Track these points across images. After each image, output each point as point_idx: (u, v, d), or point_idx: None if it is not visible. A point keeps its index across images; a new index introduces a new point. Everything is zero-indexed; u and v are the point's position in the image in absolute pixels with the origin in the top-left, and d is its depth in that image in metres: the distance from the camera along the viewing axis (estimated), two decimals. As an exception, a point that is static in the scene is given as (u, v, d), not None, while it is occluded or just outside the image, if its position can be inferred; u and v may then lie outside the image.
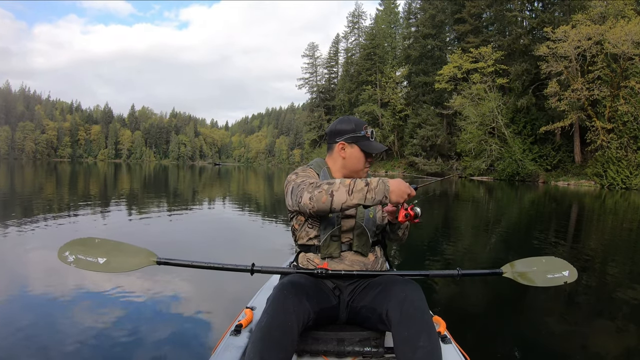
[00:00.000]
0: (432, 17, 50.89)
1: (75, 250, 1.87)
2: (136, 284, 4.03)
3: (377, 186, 1.69)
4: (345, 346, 1.80)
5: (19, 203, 10.96)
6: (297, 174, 1.97)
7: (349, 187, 1.69)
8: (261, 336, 1.49)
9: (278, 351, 1.47)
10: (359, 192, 1.68)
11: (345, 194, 1.69)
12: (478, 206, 14.27)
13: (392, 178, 1.74)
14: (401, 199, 1.72)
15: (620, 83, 30.00)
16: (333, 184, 1.71)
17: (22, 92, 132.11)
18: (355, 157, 2.04)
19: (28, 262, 5.09)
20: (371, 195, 1.68)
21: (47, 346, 2.72)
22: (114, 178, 27.63)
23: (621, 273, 5.57)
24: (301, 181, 1.85)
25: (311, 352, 1.80)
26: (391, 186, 1.70)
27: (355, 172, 2.06)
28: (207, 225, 8.61)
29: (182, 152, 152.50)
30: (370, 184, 1.70)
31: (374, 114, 58.30)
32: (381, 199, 1.69)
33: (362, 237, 1.94)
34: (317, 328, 1.80)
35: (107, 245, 1.94)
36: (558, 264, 2.14)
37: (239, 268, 1.93)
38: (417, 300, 1.63)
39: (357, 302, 1.87)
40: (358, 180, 1.72)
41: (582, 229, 10.03)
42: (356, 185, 1.69)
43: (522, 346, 3.00)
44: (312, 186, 1.75)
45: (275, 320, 1.52)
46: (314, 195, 1.71)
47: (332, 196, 1.69)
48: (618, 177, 29.41)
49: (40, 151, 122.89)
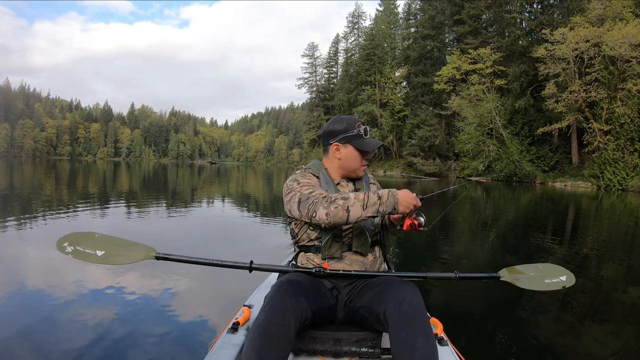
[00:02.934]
0: (431, 18, 50.86)
1: (74, 242, 1.89)
2: (134, 281, 4.03)
3: (388, 199, 1.76)
4: (342, 346, 1.80)
5: (18, 200, 10.99)
6: (298, 182, 1.96)
7: (364, 202, 1.75)
8: (258, 334, 1.50)
9: (275, 350, 1.47)
10: (373, 206, 1.75)
11: (360, 209, 1.75)
12: (476, 207, 14.36)
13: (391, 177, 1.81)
14: (407, 209, 1.80)
15: (617, 85, 30.05)
16: (348, 199, 1.76)
17: (22, 90, 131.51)
18: (350, 157, 2.04)
19: (26, 258, 5.08)
20: (383, 208, 1.76)
21: (44, 343, 2.72)
22: (113, 176, 27.61)
23: (618, 274, 5.59)
24: (309, 192, 1.86)
25: (308, 352, 1.80)
26: (399, 198, 1.77)
27: (353, 172, 2.08)
28: (206, 224, 8.63)
29: (181, 150, 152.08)
30: (382, 197, 1.77)
31: (373, 114, 58.34)
32: (390, 210, 1.78)
33: (361, 236, 1.94)
34: (314, 327, 1.80)
35: (107, 240, 1.96)
36: (556, 271, 2.16)
37: (237, 265, 1.93)
38: (415, 302, 1.64)
39: (354, 302, 1.87)
40: (371, 195, 1.78)
41: (579, 230, 10.08)
42: (370, 200, 1.76)
43: (518, 349, 3.00)
44: (327, 201, 1.78)
45: (273, 319, 1.53)
46: (331, 212, 1.75)
47: (348, 212, 1.74)
48: (615, 178, 29.47)
49: (39, 149, 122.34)
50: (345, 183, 2.10)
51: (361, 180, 2.14)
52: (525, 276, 2.11)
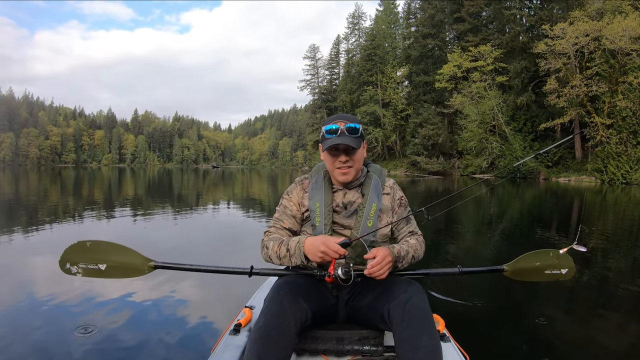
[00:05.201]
0: (431, 17, 50.91)
1: (74, 259, 1.87)
2: (136, 284, 4.04)
3: (295, 252, 1.76)
4: (344, 345, 1.79)
5: (23, 208, 11.08)
6: (282, 200, 2.04)
7: (277, 253, 1.81)
8: (259, 336, 1.51)
9: (276, 351, 1.48)
10: (284, 258, 1.80)
11: (277, 259, 1.83)
12: (480, 203, 14.37)
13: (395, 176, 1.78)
14: (320, 259, 1.70)
15: (618, 79, 30.06)
16: (268, 249, 1.85)
17: (26, 99, 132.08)
18: (324, 158, 1.95)
19: (30, 266, 5.12)
20: (294, 260, 1.77)
21: (49, 347, 2.72)
22: (118, 183, 27.69)
23: (623, 268, 5.54)
24: (271, 225, 1.98)
25: (310, 351, 1.80)
26: (305, 249, 1.73)
27: (331, 172, 1.96)
28: (209, 228, 8.64)
29: (185, 155, 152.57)
30: (290, 249, 1.77)
31: (376, 114, 58.40)
32: (303, 262, 1.76)
33: (357, 248, 1.84)
34: (316, 327, 1.79)
35: (100, 247, 1.93)
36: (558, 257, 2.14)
37: (237, 271, 1.93)
38: (419, 301, 1.63)
39: (357, 301, 1.86)
40: (282, 247, 1.80)
41: (583, 224, 10.03)
42: (280, 252, 1.80)
43: (521, 344, 2.97)
44: (263, 244, 1.89)
45: (272, 321, 1.54)
46: (263, 256, 1.90)
47: (271, 259, 1.86)
48: (618, 172, 29.47)
49: (44, 157, 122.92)
50: (343, 190, 1.98)
51: (368, 186, 1.97)
52: (528, 267, 2.11)
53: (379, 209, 1.93)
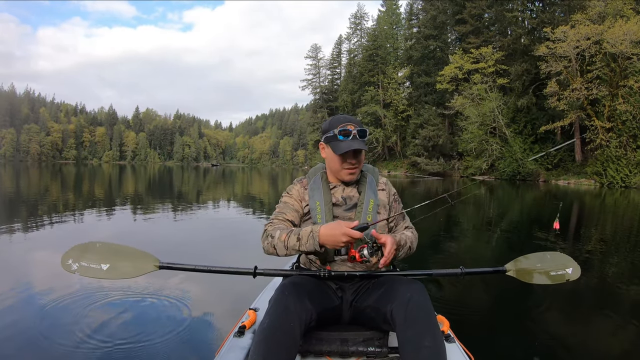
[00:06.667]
0: (433, 18, 50.90)
1: (78, 258, 1.88)
2: (140, 285, 4.02)
3: (307, 241, 1.73)
4: (348, 346, 1.78)
5: (24, 205, 11.10)
6: (282, 197, 2.06)
7: (285, 242, 1.78)
8: (263, 338, 1.51)
9: (281, 353, 1.48)
10: (294, 247, 1.77)
11: (283, 248, 1.79)
12: (480, 205, 14.44)
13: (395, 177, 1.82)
14: (337, 245, 1.72)
15: (619, 82, 30.02)
16: (274, 238, 1.81)
17: (27, 95, 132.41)
18: (330, 158, 2.00)
19: (32, 264, 5.11)
20: (304, 248, 1.75)
21: (51, 348, 2.72)
22: (119, 180, 27.71)
23: (623, 270, 5.58)
24: (273, 217, 1.97)
25: (315, 353, 1.78)
26: (321, 237, 1.71)
27: (336, 173, 2.02)
28: (211, 228, 8.65)
29: (186, 153, 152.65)
30: (301, 239, 1.74)
31: (377, 115, 58.42)
32: (315, 249, 1.74)
33: (358, 243, 1.84)
34: (320, 328, 1.78)
35: (109, 249, 1.94)
36: (561, 260, 2.15)
37: (241, 271, 1.93)
38: (422, 301, 1.64)
39: (361, 302, 1.87)
40: (292, 236, 1.77)
41: (583, 227, 10.09)
42: (289, 241, 1.77)
43: (525, 344, 2.98)
44: (266, 234, 1.86)
45: (277, 322, 1.54)
46: (264, 246, 1.85)
47: (275, 248, 1.81)
48: (617, 175, 29.49)
49: (45, 153, 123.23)
50: (341, 186, 2.06)
51: (364, 184, 2.06)
52: (530, 269, 2.11)
53: (376, 204, 2.02)
